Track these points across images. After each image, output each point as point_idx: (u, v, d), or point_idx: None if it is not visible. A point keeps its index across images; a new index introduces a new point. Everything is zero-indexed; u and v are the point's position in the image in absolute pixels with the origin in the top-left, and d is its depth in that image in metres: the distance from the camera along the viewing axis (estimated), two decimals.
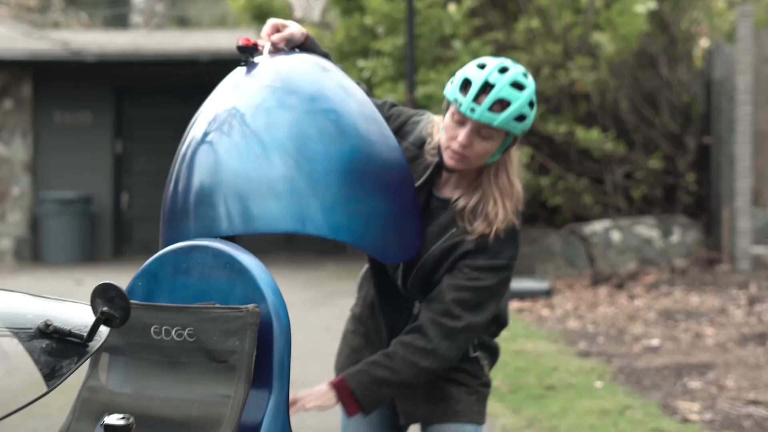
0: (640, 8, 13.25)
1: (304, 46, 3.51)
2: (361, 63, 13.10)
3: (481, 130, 3.29)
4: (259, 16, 14.73)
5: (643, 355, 8.90)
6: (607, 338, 9.70)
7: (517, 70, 3.30)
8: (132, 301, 3.12)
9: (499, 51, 13.47)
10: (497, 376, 8.15)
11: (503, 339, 9.53)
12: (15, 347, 2.41)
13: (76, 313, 2.51)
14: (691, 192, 14.08)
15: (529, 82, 3.30)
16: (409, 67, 11.59)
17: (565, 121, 13.52)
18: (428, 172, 3.45)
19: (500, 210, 3.37)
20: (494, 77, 3.26)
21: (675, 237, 13.35)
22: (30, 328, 2.43)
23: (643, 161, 13.80)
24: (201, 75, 17.39)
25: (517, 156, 3.44)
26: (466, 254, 3.35)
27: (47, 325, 2.40)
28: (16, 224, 16.94)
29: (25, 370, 2.45)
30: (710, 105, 14.11)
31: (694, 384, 7.83)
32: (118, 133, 17.50)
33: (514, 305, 11.44)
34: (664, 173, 14.03)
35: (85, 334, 2.40)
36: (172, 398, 3.01)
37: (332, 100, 3.34)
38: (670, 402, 7.35)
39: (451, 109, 3.32)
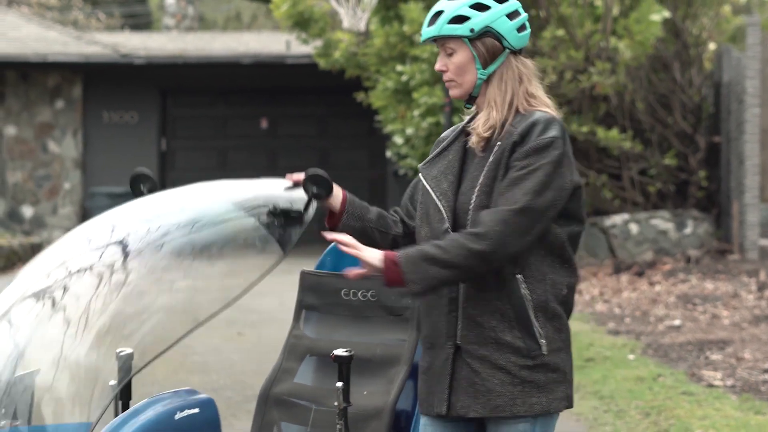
0: (655, 16, 14.33)
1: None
2: (399, 68, 14.18)
3: (443, 49, 3.46)
4: (301, 23, 15.80)
5: (667, 333, 10.00)
6: (633, 319, 10.80)
7: None
8: (325, 271, 4.25)
9: (526, 57, 14.55)
10: None
11: None
12: (255, 225, 3.48)
13: (287, 194, 3.53)
14: (702, 187, 15.17)
15: None
16: None
17: (586, 122, 14.62)
18: (455, 129, 3.55)
19: (494, 112, 3.41)
20: (439, 5, 3.47)
21: (688, 229, 14.46)
22: (263, 210, 3.49)
23: (659, 159, 14.89)
24: (242, 77, 18.55)
25: (529, 67, 3.54)
26: (512, 150, 3.33)
27: (276, 208, 3.47)
28: (68, 217, 18.03)
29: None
30: (719, 106, 15.20)
31: (715, 357, 8.92)
32: (163, 131, 18.62)
33: None
34: (677, 170, 15.12)
35: (302, 209, 3.45)
36: (360, 342, 4.03)
37: None
38: (695, 371, 8.45)
39: None
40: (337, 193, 3.48)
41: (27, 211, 18.09)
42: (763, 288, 11.71)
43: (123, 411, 3.65)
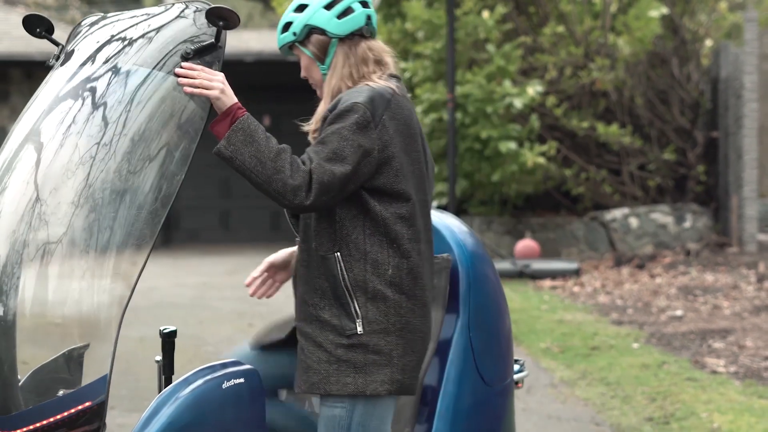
0: (654, 13, 14.54)
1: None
2: (402, 65, 14.35)
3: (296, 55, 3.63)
4: None
5: (669, 323, 10.19)
6: (635, 310, 10.98)
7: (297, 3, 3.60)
8: None
9: (527, 53, 14.76)
10: (545, 340, 9.45)
11: (545, 311, 10.87)
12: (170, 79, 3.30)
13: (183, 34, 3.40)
14: (700, 182, 15.37)
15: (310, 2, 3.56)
16: (450, 69, 12.86)
17: (586, 117, 14.82)
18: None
19: (322, 105, 3.54)
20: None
21: (687, 223, 14.65)
22: (176, 58, 3.31)
23: (658, 154, 15.09)
24: (246, 75, 18.70)
25: (346, 53, 3.53)
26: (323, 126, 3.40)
27: (187, 53, 3.33)
28: None
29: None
30: (717, 101, 15.41)
31: (718, 345, 9.11)
32: None
33: (547, 283, 12.73)
34: (676, 164, 15.32)
35: (214, 41, 3.37)
36: None
37: None
38: (699, 359, 8.64)
39: None
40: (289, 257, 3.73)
41: None
42: (763, 279, 11.91)
43: (166, 386, 3.85)
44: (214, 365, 3.43)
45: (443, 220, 4.46)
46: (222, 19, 3.30)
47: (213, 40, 3.36)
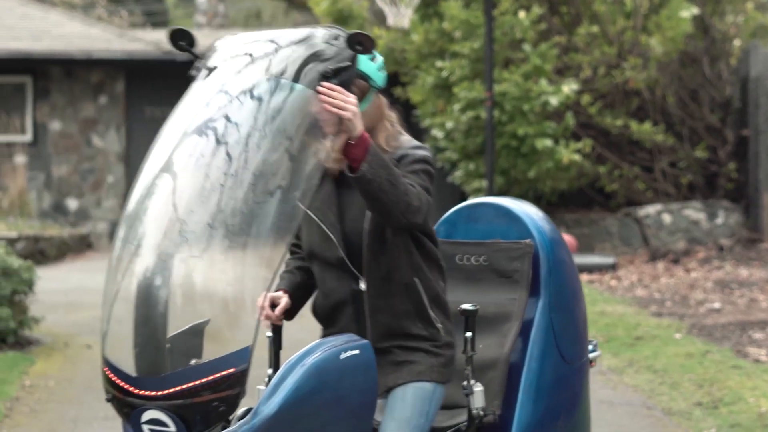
0: (685, 13, 14.82)
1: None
2: (439, 64, 14.66)
3: None
4: (340, 20, 16.28)
5: (708, 315, 10.48)
6: (674, 303, 11.27)
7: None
8: (439, 239, 4.72)
9: (562, 53, 15.06)
10: (591, 330, 9.74)
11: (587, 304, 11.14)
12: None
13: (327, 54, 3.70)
14: (731, 179, 15.64)
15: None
16: (488, 68, 13.16)
17: (620, 116, 15.11)
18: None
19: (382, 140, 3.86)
20: None
21: (719, 219, 14.93)
22: (318, 77, 3.62)
23: (689, 151, 15.37)
24: None
25: (387, 106, 3.93)
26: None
27: (327, 73, 3.62)
28: (111, 209, 18.55)
29: None
30: (746, 100, 15.67)
31: (758, 336, 9.40)
32: None
33: (584, 277, 13.03)
34: (707, 162, 15.60)
35: (350, 63, 3.66)
36: (475, 301, 4.50)
37: None
38: (741, 348, 8.93)
39: None
40: (282, 296, 3.99)
41: (72, 204, 18.61)
42: None
43: (275, 359, 4.18)
44: (331, 338, 3.74)
45: (523, 208, 4.76)
46: (359, 45, 3.62)
47: (349, 63, 3.66)
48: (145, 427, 3.56)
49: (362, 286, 3.91)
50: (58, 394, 7.98)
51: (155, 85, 18.83)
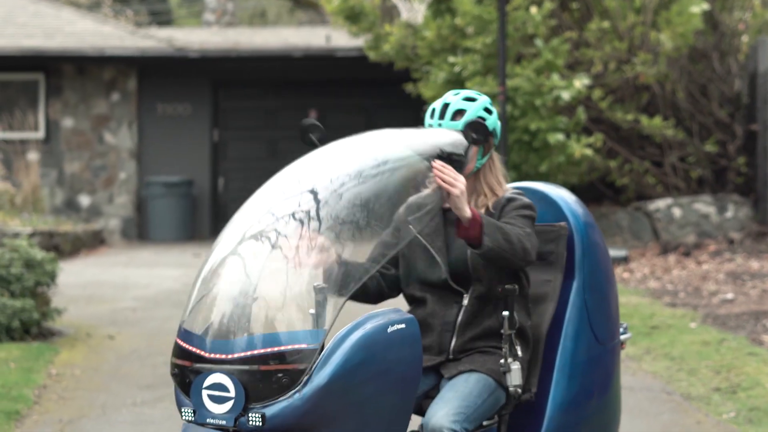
0: (695, 9, 14.93)
1: None
2: (452, 59, 14.78)
3: None
4: (351, 17, 16.40)
5: (722, 306, 10.59)
6: (687, 294, 11.39)
7: (467, 92, 4.36)
8: None
9: (573, 48, 15.18)
10: None
11: None
12: (427, 167, 4.09)
13: (448, 140, 4.21)
14: (740, 173, 15.76)
15: (480, 98, 4.35)
16: (501, 63, 13.27)
17: (630, 110, 15.23)
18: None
19: (489, 201, 4.34)
20: (449, 99, 4.35)
21: (729, 213, 15.05)
22: (432, 153, 4.12)
23: (699, 146, 15.49)
24: (292, 70, 19.16)
25: (499, 159, 4.40)
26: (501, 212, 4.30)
27: (443, 151, 4.13)
28: (123, 206, 18.68)
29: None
30: (755, 95, 15.78)
31: None
32: (215, 123, 19.27)
33: None
34: (717, 156, 15.72)
35: (463, 154, 4.16)
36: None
37: None
38: (756, 337, 9.05)
39: None
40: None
41: (84, 200, 18.74)
42: None
43: None
44: (378, 311, 3.87)
45: (557, 192, 4.89)
46: (475, 133, 4.09)
47: (464, 154, 4.12)
48: (205, 393, 3.69)
49: (464, 302, 4.31)
50: (85, 382, 8.10)
51: (167, 82, 18.96)
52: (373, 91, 19.19)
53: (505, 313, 4.31)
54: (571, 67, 15.31)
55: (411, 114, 19.21)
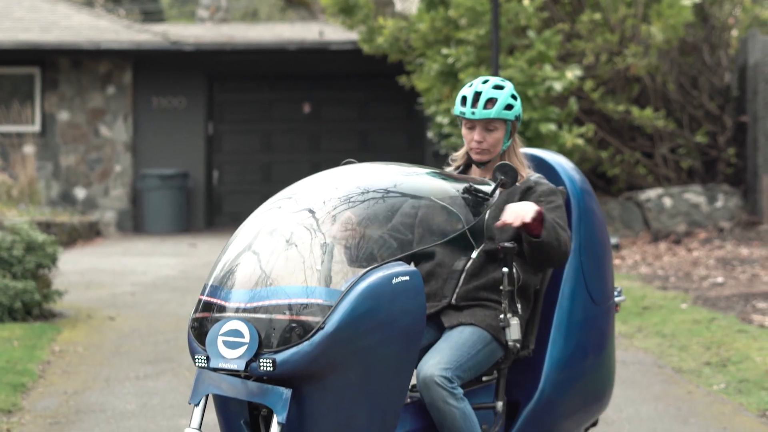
0: (686, 1, 15.11)
1: None
2: (445, 51, 14.94)
3: (486, 125, 4.63)
4: (345, 10, 16.56)
5: (712, 288, 10.77)
6: (677, 278, 11.57)
7: (495, 80, 4.66)
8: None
9: (565, 40, 15.36)
10: None
11: None
12: (457, 194, 4.30)
13: (478, 184, 4.42)
14: (730, 164, 15.95)
15: (507, 84, 4.65)
16: (494, 55, 13.44)
17: (622, 102, 15.41)
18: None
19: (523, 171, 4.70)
20: (480, 87, 4.64)
21: (719, 203, 15.24)
22: (459, 190, 4.33)
23: (690, 137, 15.68)
24: (286, 63, 19.32)
25: (519, 139, 4.75)
26: (522, 192, 4.60)
27: (470, 186, 4.32)
28: (119, 198, 18.82)
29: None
30: (744, 87, 15.97)
31: (761, 305, 9.70)
32: (210, 116, 19.42)
33: None
34: (707, 147, 15.91)
35: (489, 192, 4.33)
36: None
37: None
38: (745, 316, 9.23)
39: (463, 122, 4.72)
40: None
41: (80, 193, 18.88)
42: None
43: None
44: (385, 264, 4.02)
45: (555, 159, 5.07)
46: (503, 175, 4.35)
47: (491, 190, 4.40)
48: (221, 339, 3.86)
49: (473, 255, 4.52)
50: (88, 358, 8.25)
51: (162, 75, 19.11)
52: (366, 85, 19.36)
53: (505, 269, 4.48)
54: (563, 58, 15.48)
55: (403, 107, 19.48)
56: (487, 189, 4.43)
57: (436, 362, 4.27)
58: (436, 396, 4.20)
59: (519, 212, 4.35)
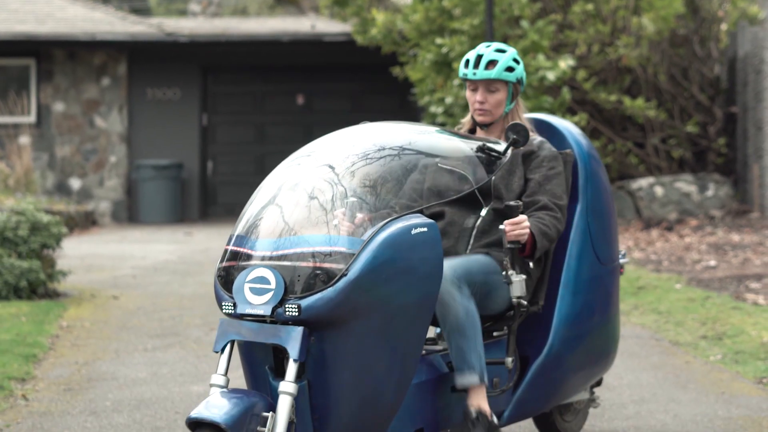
0: None
1: None
2: (439, 41, 15.10)
3: (487, 86, 4.80)
4: (340, 2, 16.71)
5: (705, 271, 10.95)
6: (671, 262, 11.75)
7: (498, 44, 4.84)
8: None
9: (557, 30, 15.54)
10: None
11: None
12: (470, 153, 4.46)
13: (491, 143, 4.57)
14: (721, 154, 16.15)
15: (509, 49, 4.84)
16: None
17: (613, 92, 15.60)
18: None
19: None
20: (482, 50, 4.83)
21: (710, 191, 15.44)
22: (473, 148, 4.49)
23: (681, 127, 15.88)
24: (280, 55, 19.46)
25: (522, 103, 4.91)
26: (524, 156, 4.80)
27: (484, 145, 4.48)
28: (113, 189, 18.94)
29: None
30: (734, 79, 16.17)
31: (754, 285, 9.88)
32: (204, 107, 19.56)
33: None
34: (698, 137, 16.11)
35: (502, 151, 4.49)
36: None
37: None
38: (739, 295, 9.40)
39: (467, 85, 4.90)
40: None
41: (75, 184, 18.99)
42: None
43: None
44: (404, 216, 4.18)
45: (563, 124, 5.24)
46: (516, 134, 4.52)
47: (503, 149, 4.55)
48: (247, 286, 4.01)
49: (482, 213, 4.74)
50: (96, 332, 8.39)
51: (157, 67, 19.24)
52: (359, 76, 19.53)
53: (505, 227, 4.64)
54: (556, 49, 15.66)
55: (395, 98, 19.64)
56: (500, 148, 4.59)
57: (449, 266, 4.48)
58: (443, 290, 4.39)
59: (520, 232, 4.53)
